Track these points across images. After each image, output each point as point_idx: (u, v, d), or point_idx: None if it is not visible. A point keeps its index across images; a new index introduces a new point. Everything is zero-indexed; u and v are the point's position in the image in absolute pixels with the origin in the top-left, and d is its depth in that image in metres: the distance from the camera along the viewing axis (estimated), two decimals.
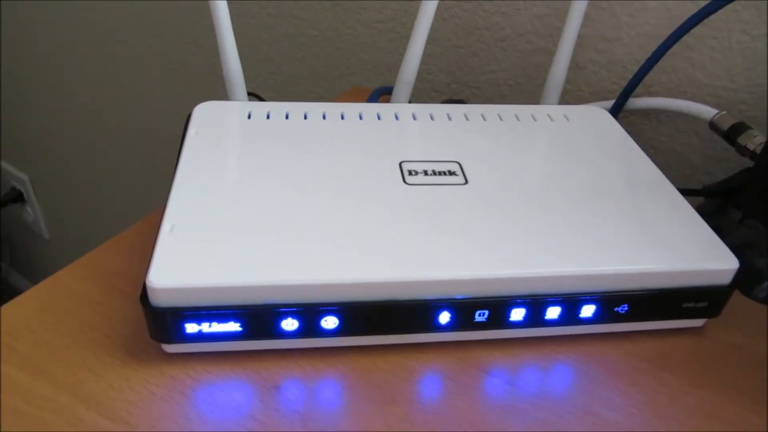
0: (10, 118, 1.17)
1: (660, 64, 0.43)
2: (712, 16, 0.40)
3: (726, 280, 0.29)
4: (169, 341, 0.27)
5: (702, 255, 0.29)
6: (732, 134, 0.39)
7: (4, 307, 0.30)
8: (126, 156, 0.98)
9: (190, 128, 0.36)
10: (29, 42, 0.98)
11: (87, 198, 1.13)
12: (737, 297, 0.32)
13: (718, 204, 0.38)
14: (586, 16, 0.45)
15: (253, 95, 0.46)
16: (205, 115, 0.37)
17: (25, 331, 0.29)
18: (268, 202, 0.30)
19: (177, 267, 0.26)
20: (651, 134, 0.47)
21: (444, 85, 0.57)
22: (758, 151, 0.37)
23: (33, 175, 1.23)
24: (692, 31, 0.41)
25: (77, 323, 0.29)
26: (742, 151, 0.38)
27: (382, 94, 0.50)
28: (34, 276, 1.50)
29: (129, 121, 0.93)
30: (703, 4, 0.40)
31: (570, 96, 0.49)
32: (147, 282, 0.25)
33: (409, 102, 0.43)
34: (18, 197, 1.29)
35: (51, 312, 0.30)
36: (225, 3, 0.38)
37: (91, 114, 0.98)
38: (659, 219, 0.31)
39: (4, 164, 1.28)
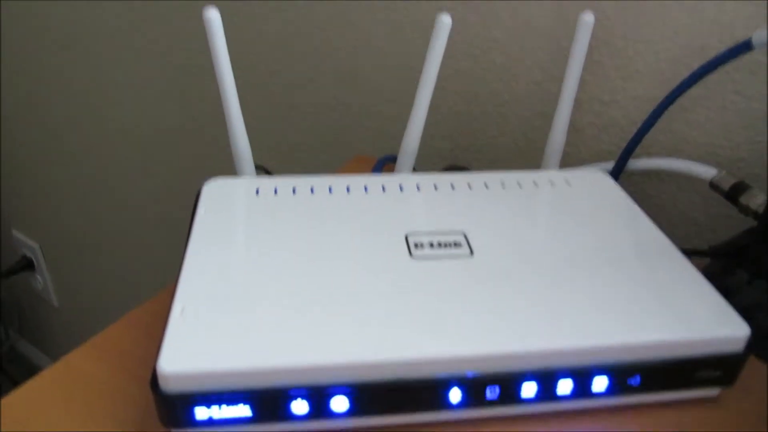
0: (22, 187, 1.19)
1: (657, 125, 0.44)
2: (705, 78, 0.41)
3: (738, 347, 0.29)
4: (179, 426, 0.26)
5: (712, 323, 0.29)
6: (733, 194, 0.39)
7: (16, 391, 0.30)
8: (135, 226, 0.99)
9: (199, 206, 0.36)
10: (41, 113, 1.01)
11: (96, 267, 1.14)
12: (753, 361, 0.31)
13: (724, 265, 0.38)
14: (582, 81, 0.46)
15: (261, 168, 0.47)
16: (213, 192, 0.38)
17: (36, 416, 0.29)
18: (277, 281, 0.30)
19: (187, 351, 0.26)
20: (653, 193, 0.48)
21: (446, 151, 0.58)
22: (761, 211, 0.37)
23: (43, 243, 1.25)
24: (687, 92, 0.42)
25: (87, 407, 0.29)
26: (745, 211, 0.39)
27: (387, 163, 0.51)
28: (43, 344, 1.49)
29: (138, 193, 0.94)
30: (694, 67, 0.42)
31: (570, 158, 0.50)
32: (157, 367, 0.25)
33: (413, 168, 0.44)
34: (28, 265, 1.30)
35: (62, 396, 0.30)
36: (233, 82, 0.39)
37: (102, 185, 1.00)
38: (667, 286, 0.31)
39: (15, 232, 1.30)
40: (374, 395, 0.27)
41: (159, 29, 0.74)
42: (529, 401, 0.28)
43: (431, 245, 0.33)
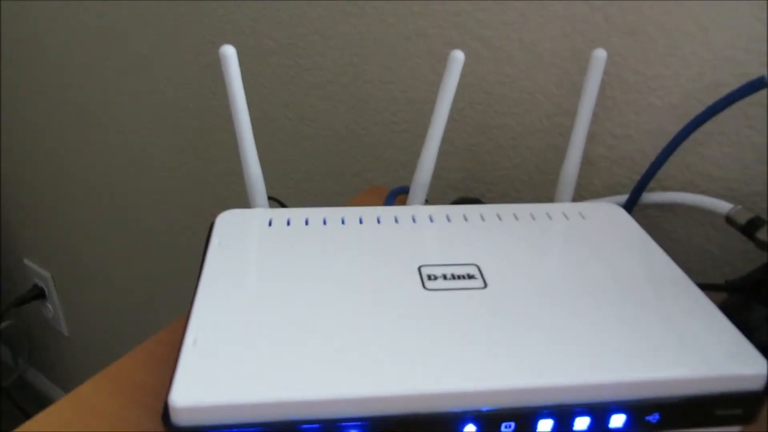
0: (34, 217, 1.20)
1: (671, 159, 0.44)
2: (719, 114, 0.41)
3: (758, 385, 0.28)
4: None
5: (732, 359, 0.28)
6: (749, 229, 0.39)
7: (28, 423, 0.30)
8: (146, 257, 1.00)
9: (212, 238, 0.36)
10: (53, 145, 1.03)
11: (107, 297, 1.14)
12: None
13: (741, 300, 0.37)
14: (595, 115, 0.46)
15: (274, 200, 0.47)
16: (227, 223, 0.38)
17: None
18: (290, 314, 0.30)
19: (199, 384, 0.26)
20: (668, 227, 0.48)
21: (458, 181, 0.58)
22: None
23: (55, 272, 1.26)
24: (701, 127, 0.42)
25: None
26: (762, 245, 0.38)
27: (399, 194, 0.51)
28: (52, 373, 1.49)
29: (150, 224, 0.95)
30: (707, 101, 0.42)
31: (583, 190, 0.50)
32: (169, 401, 0.25)
33: (426, 201, 0.44)
34: (39, 294, 1.31)
35: (74, 428, 0.29)
36: (248, 116, 0.40)
37: (114, 216, 1.01)
38: (684, 321, 0.31)
39: (27, 261, 1.31)
40: (387, 429, 0.26)
41: (172, 61, 0.76)
42: None
43: (444, 277, 0.33)
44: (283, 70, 0.66)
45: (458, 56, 0.40)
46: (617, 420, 0.28)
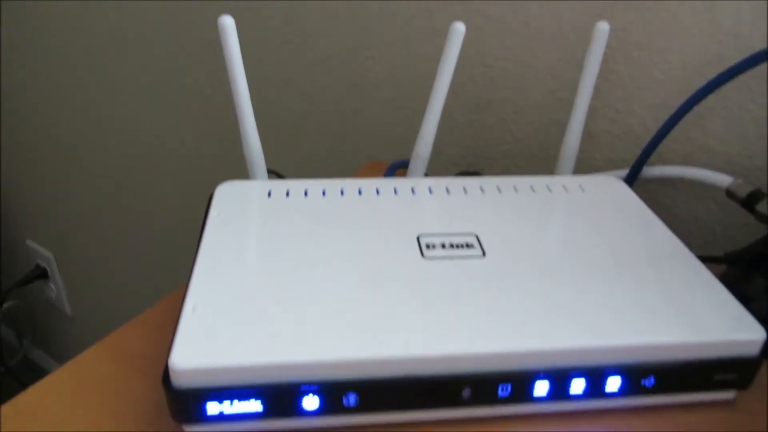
0: (36, 198, 1.20)
1: (673, 133, 0.44)
2: (722, 87, 0.41)
3: (754, 351, 0.28)
4: (191, 422, 0.26)
5: (728, 326, 0.29)
6: (750, 202, 0.39)
7: (27, 391, 0.30)
8: (147, 235, 1.00)
9: (211, 208, 0.37)
10: (53, 125, 1.02)
11: (109, 275, 1.15)
12: None
13: (741, 271, 0.37)
14: (597, 89, 0.46)
15: (273, 172, 0.47)
16: (226, 194, 0.38)
17: (48, 415, 0.29)
18: (289, 280, 0.30)
19: (199, 347, 0.26)
20: (669, 201, 0.47)
21: (459, 157, 0.58)
22: None
23: (57, 253, 1.26)
24: (703, 101, 0.42)
25: (100, 405, 0.29)
26: (762, 218, 0.38)
27: (399, 168, 0.51)
28: (56, 352, 1.50)
29: (150, 201, 0.95)
30: (710, 76, 0.42)
31: (584, 165, 0.50)
32: (169, 363, 0.25)
33: (425, 175, 0.44)
34: (42, 274, 1.31)
35: (74, 395, 0.30)
36: (246, 88, 0.40)
37: (114, 194, 1.01)
38: (682, 289, 0.31)
39: (29, 242, 1.31)
40: (385, 392, 0.27)
41: (171, 37, 0.75)
42: (541, 400, 0.28)
43: (443, 246, 0.33)
44: (284, 46, 0.65)
45: (459, 28, 0.39)
46: (613, 383, 0.28)
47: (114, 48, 0.84)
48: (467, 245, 0.34)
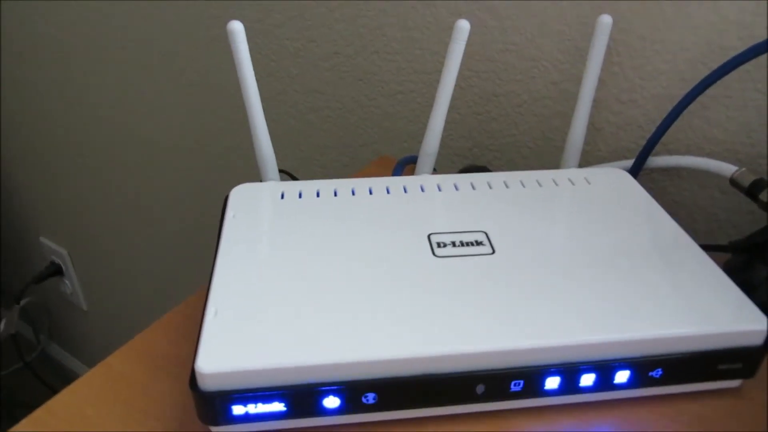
0: (49, 195, 1.22)
1: (677, 123, 0.44)
2: (725, 77, 0.42)
3: (758, 340, 0.29)
4: (218, 423, 0.28)
5: (733, 317, 0.29)
6: (753, 191, 0.40)
7: (59, 395, 0.32)
8: (160, 231, 1.02)
9: (227, 211, 0.38)
10: (66, 123, 1.04)
11: (123, 271, 1.16)
12: None
13: (744, 260, 0.38)
14: (600, 81, 0.46)
15: (285, 172, 0.48)
16: (241, 197, 0.39)
17: (79, 418, 0.30)
18: (306, 282, 0.31)
19: (224, 351, 0.27)
20: (673, 190, 0.48)
21: (465, 150, 0.59)
22: None
23: (71, 249, 1.28)
24: (706, 91, 0.43)
25: (128, 408, 0.31)
26: (765, 207, 0.39)
27: (407, 164, 0.52)
28: (73, 347, 1.53)
29: (163, 199, 0.96)
30: (713, 66, 0.42)
31: (589, 156, 0.51)
32: (196, 367, 0.27)
33: (434, 170, 0.45)
34: (57, 271, 1.33)
35: (104, 398, 0.31)
36: (257, 91, 0.41)
37: (127, 191, 1.02)
38: (688, 281, 0.32)
39: (43, 239, 1.33)
40: (402, 390, 0.28)
41: (176, 36, 0.76)
42: (552, 393, 0.29)
43: (453, 244, 0.34)
44: (290, 42, 0.66)
45: (464, 25, 0.40)
46: (621, 376, 0.29)
47: (128, 45, 0.85)
48: (477, 243, 0.34)
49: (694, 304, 0.30)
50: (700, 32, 0.43)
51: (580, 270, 0.32)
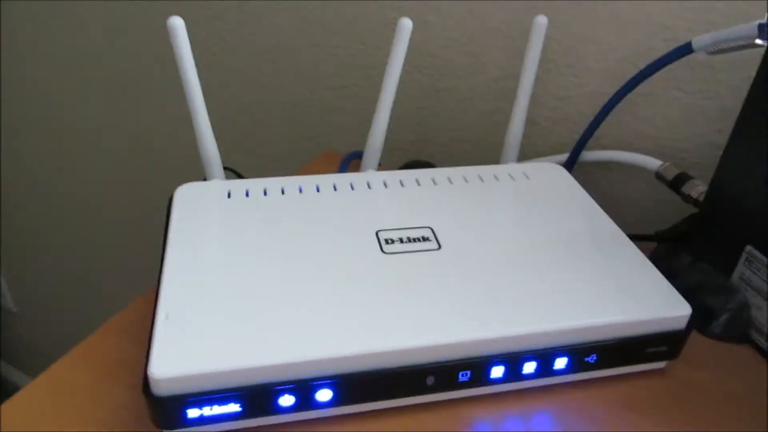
0: None
1: (608, 119, 0.47)
2: (652, 76, 0.44)
3: (681, 324, 0.32)
4: (172, 427, 0.28)
5: (659, 304, 0.32)
6: (676, 184, 0.43)
7: (3, 405, 0.31)
8: (94, 229, 0.98)
9: (173, 212, 0.37)
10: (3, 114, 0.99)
11: (54, 270, 1.12)
12: (694, 336, 0.35)
13: (669, 248, 0.41)
14: (538, 78, 0.48)
15: (230, 170, 0.48)
16: (186, 197, 0.39)
17: (27, 427, 0.29)
18: (256, 282, 0.32)
19: (176, 355, 0.27)
20: (604, 182, 0.51)
21: (409, 144, 0.60)
22: (701, 199, 0.41)
23: None
24: (635, 89, 0.45)
25: (78, 416, 0.30)
26: (687, 199, 0.42)
27: (352, 159, 0.52)
28: (2, 349, 1.46)
29: (102, 196, 0.93)
30: (641, 66, 0.45)
31: (527, 149, 0.53)
32: (149, 373, 0.27)
33: (379, 164, 0.46)
34: None
35: (51, 407, 0.30)
36: (199, 89, 0.40)
37: (60, 190, 0.98)
38: (618, 272, 0.34)
39: None
40: (355, 385, 0.29)
41: (124, 36, 0.74)
42: (497, 380, 0.30)
43: (401, 240, 0.35)
44: (229, 34, 0.65)
45: (406, 24, 0.41)
46: (560, 362, 0.31)
47: (71, 45, 0.81)
48: (424, 239, 0.36)
49: (624, 293, 0.32)
50: (630, 34, 0.45)
51: (520, 264, 0.34)
